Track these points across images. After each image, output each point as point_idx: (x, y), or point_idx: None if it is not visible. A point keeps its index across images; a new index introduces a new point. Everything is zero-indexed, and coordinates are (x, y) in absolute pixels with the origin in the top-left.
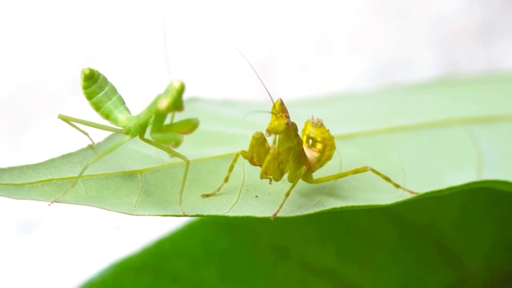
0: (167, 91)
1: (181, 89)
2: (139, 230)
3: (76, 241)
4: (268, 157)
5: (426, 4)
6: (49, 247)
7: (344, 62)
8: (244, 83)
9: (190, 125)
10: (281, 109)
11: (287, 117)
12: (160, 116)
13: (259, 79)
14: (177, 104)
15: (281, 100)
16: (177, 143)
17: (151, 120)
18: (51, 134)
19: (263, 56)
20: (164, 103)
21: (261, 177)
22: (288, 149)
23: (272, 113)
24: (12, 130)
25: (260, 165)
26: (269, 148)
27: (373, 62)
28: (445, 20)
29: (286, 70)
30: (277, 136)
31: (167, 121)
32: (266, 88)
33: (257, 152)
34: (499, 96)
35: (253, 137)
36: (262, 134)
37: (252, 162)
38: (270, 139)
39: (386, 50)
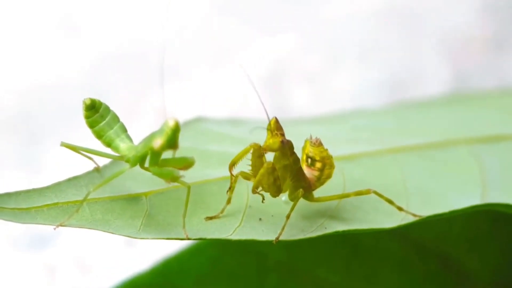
0: (161, 129)
1: (176, 128)
2: (150, 245)
3: (86, 258)
4: (262, 171)
5: (437, 17)
6: (60, 261)
7: (354, 76)
8: (250, 100)
9: (186, 163)
10: (276, 127)
11: (282, 135)
12: (155, 152)
13: (258, 96)
14: (171, 142)
15: (275, 118)
16: (174, 179)
17: (148, 154)
18: (62, 149)
19: (272, 70)
20: (158, 142)
21: (253, 192)
22: (284, 167)
23: (267, 130)
24: (22, 145)
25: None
26: (265, 162)
27: (384, 74)
28: (456, 32)
29: (295, 84)
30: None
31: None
32: (263, 105)
33: (253, 164)
34: (507, 114)
35: (250, 145)
36: (260, 145)
37: (253, 191)
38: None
39: (396, 62)
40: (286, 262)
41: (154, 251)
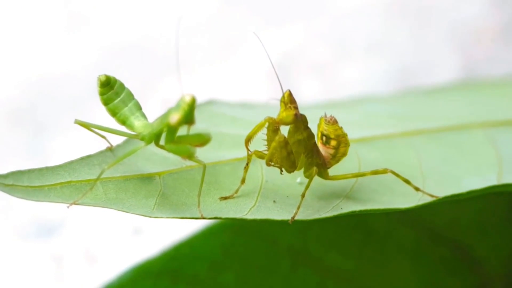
0: (178, 105)
1: (192, 103)
2: (158, 233)
3: (95, 245)
4: (274, 144)
5: (446, 7)
6: (67, 250)
7: (364, 66)
8: (258, 86)
9: (202, 139)
10: (289, 100)
11: (296, 108)
12: (172, 128)
13: (275, 71)
14: (188, 118)
15: (289, 91)
16: (190, 156)
17: (164, 130)
18: (69, 139)
19: (281, 59)
20: (175, 118)
21: (267, 164)
22: (298, 142)
23: (281, 102)
24: (30, 136)
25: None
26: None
27: (393, 65)
28: (465, 22)
29: (305, 73)
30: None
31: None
32: (278, 77)
33: (268, 138)
34: None
35: (265, 119)
36: (275, 119)
37: (267, 163)
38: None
39: (405, 52)
40: (298, 248)
41: (161, 239)
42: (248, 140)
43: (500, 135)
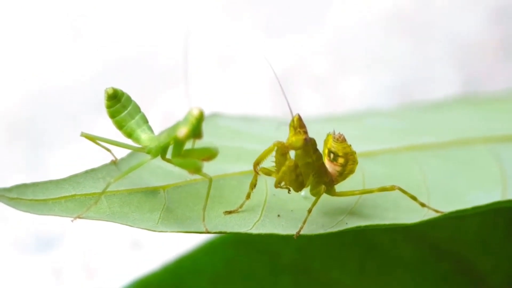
0: (186, 119)
1: (200, 117)
2: (159, 247)
3: (95, 258)
4: (284, 168)
5: (446, 22)
6: (67, 264)
7: (364, 80)
8: (261, 99)
9: (209, 153)
10: (299, 125)
11: (305, 132)
12: (179, 142)
13: (282, 90)
14: (196, 132)
15: (299, 115)
16: (197, 170)
17: (171, 144)
18: (69, 151)
19: (283, 72)
20: (182, 131)
21: (276, 186)
22: (307, 164)
23: (290, 127)
24: (30, 148)
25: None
26: (287, 159)
27: (393, 79)
28: (466, 37)
29: (305, 86)
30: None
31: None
32: (287, 101)
33: (277, 161)
34: None
35: (274, 144)
36: (283, 143)
37: (276, 186)
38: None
39: (406, 67)
40: (299, 262)
41: (161, 254)
42: (256, 164)
43: (504, 150)
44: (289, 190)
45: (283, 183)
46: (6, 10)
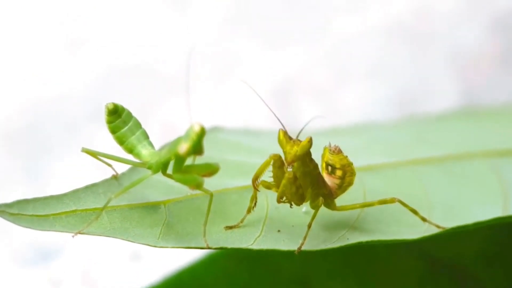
0: (187, 134)
1: (201, 133)
2: (159, 259)
3: (94, 270)
4: (284, 181)
5: (445, 33)
6: (66, 275)
7: (363, 92)
8: (262, 112)
9: (211, 169)
10: (288, 137)
11: (300, 140)
12: (180, 158)
13: (270, 110)
14: (197, 148)
15: (281, 130)
16: (198, 186)
17: (172, 159)
18: (68, 162)
19: (280, 85)
20: (183, 147)
21: (278, 201)
22: (305, 174)
23: (281, 142)
24: (28, 158)
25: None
26: (286, 172)
27: (392, 90)
28: (465, 49)
29: (304, 97)
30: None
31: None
32: (277, 118)
33: (275, 175)
34: None
35: (270, 157)
36: (280, 156)
37: (278, 200)
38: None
39: (405, 78)
40: (300, 275)
41: (160, 266)
42: (255, 179)
43: (505, 165)
44: (291, 204)
45: (284, 198)
46: (6, 19)
